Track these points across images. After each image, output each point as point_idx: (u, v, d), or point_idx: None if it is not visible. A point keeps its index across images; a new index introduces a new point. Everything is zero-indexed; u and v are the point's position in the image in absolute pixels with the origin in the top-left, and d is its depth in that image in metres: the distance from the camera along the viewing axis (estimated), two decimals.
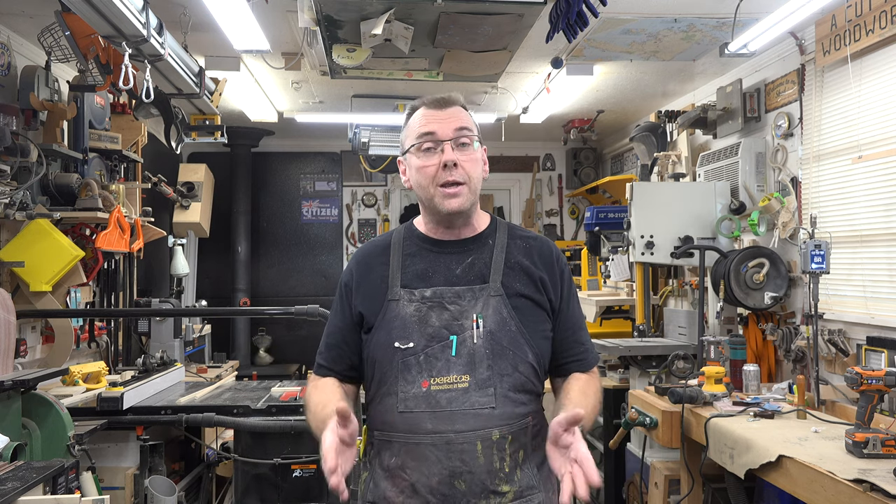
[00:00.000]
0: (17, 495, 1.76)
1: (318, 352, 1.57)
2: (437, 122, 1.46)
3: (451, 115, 1.47)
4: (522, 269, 1.49)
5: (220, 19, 3.04)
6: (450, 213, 1.45)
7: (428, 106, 1.49)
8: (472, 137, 1.47)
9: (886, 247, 3.07)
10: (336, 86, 4.65)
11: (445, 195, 1.44)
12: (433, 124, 1.45)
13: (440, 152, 1.44)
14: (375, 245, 1.57)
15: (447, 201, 1.44)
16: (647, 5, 3.24)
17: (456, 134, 1.45)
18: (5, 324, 2.71)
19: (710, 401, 2.79)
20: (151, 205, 4.42)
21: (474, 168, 1.46)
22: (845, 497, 1.86)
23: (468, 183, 1.45)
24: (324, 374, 1.54)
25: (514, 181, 7.09)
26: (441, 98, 1.49)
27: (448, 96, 1.50)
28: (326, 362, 1.54)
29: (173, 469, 3.23)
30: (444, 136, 1.44)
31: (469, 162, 1.45)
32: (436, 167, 1.44)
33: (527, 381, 1.43)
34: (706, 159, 4.24)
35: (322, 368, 1.55)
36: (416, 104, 1.52)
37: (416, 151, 1.47)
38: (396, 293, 1.46)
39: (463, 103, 1.52)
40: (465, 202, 1.45)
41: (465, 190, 1.45)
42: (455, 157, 1.43)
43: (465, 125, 1.46)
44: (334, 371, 1.53)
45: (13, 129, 3.11)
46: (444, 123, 1.45)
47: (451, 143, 1.44)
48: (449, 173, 1.43)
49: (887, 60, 3.03)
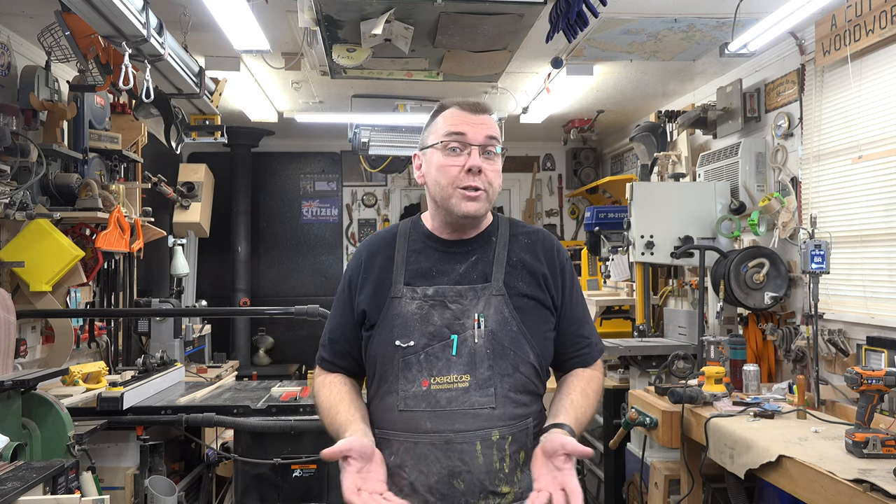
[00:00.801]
0: (17, 495, 1.76)
1: (321, 344, 1.57)
2: (469, 125, 1.45)
3: (483, 121, 1.47)
4: (525, 267, 1.49)
5: (220, 19, 3.04)
6: (465, 216, 1.45)
7: (461, 107, 1.48)
8: (497, 148, 1.48)
9: (886, 247, 3.07)
10: (336, 86, 4.65)
11: (465, 198, 1.43)
12: (465, 126, 1.45)
13: (467, 155, 1.44)
14: (381, 238, 1.56)
15: (465, 204, 1.43)
16: (647, 5, 3.24)
17: (486, 141, 1.45)
18: (5, 324, 2.71)
19: (710, 401, 2.79)
20: (151, 205, 4.42)
21: (496, 178, 1.47)
22: (845, 497, 1.86)
23: (488, 191, 1.45)
24: (329, 369, 1.54)
25: (514, 181, 7.09)
26: (476, 103, 1.49)
27: (483, 103, 1.50)
28: (330, 356, 1.54)
29: (173, 469, 3.23)
30: (473, 140, 1.44)
31: (492, 172, 1.46)
32: (459, 168, 1.43)
33: (528, 382, 1.43)
34: (706, 159, 4.24)
35: (326, 362, 1.55)
36: (448, 103, 1.51)
37: (442, 149, 1.46)
38: (399, 290, 1.45)
39: (493, 112, 1.53)
40: (482, 209, 1.45)
41: (484, 197, 1.45)
42: (481, 164, 1.43)
43: (495, 135, 1.47)
44: (339, 366, 1.54)
45: (13, 129, 3.11)
46: (476, 128, 1.45)
47: (480, 148, 1.44)
48: (472, 178, 1.43)
49: (887, 60, 3.03)
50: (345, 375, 1.54)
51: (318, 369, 1.58)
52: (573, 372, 1.53)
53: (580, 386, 1.48)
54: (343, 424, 1.39)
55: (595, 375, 1.54)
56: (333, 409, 1.44)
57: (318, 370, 1.58)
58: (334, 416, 1.43)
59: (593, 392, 1.49)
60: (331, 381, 1.52)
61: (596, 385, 1.52)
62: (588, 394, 1.47)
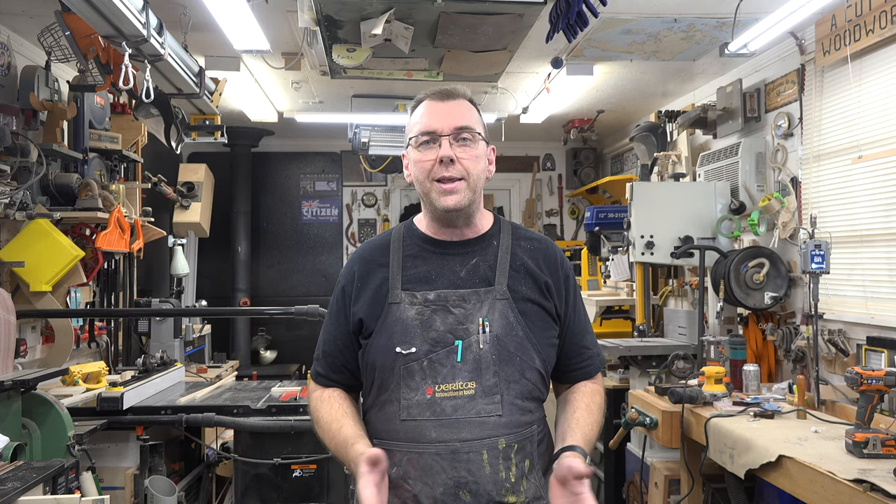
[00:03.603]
0: (17, 495, 1.76)
1: (315, 357, 1.52)
2: (437, 115, 1.41)
3: (453, 108, 1.42)
4: (528, 273, 1.45)
5: (220, 19, 3.04)
6: (446, 209, 1.40)
7: (431, 98, 1.44)
8: (473, 134, 1.41)
9: (886, 247, 3.07)
10: (336, 86, 4.65)
11: (442, 191, 1.39)
12: (433, 119, 1.41)
13: (437, 147, 1.39)
14: (374, 245, 1.51)
15: (443, 198, 1.39)
16: (647, 5, 3.24)
17: (454, 131, 1.40)
18: (5, 324, 2.71)
19: (710, 401, 2.79)
20: (151, 205, 4.42)
21: (474, 164, 1.41)
22: (845, 497, 1.86)
23: (467, 179, 1.40)
24: (325, 385, 1.49)
25: (514, 181, 7.09)
26: (444, 90, 1.44)
27: (452, 88, 1.45)
28: (325, 371, 1.49)
29: (173, 469, 3.22)
30: (442, 131, 1.39)
31: (469, 159, 1.40)
32: (432, 162, 1.39)
33: (534, 388, 1.40)
34: (706, 159, 4.24)
35: (322, 378, 1.49)
36: (422, 96, 1.46)
37: (416, 145, 1.43)
38: (397, 296, 1.40)
39: (468, 97, 1.47)
40: (463, 199, 1.40)
41: (463, 186, 1.40)
42: (452, 153, 1.38)
43: (466, 123, 1.41)
44: (334, 381, 1.48)
45: (13, 129, 3.11)
46: (444, 118, 1.40)
47: (450, 138, 1.39)
48: (445, 169, 1.38)
49: (887, 60, 3.03)
50: (342, 391, 1.49)
51: (313, 384, 1.52)
52: (575, 387, 1.50)
53: (584, 402, 1.46)
54: (351, 438, 1.34)
55: (597, 389, 1.51)
56: (336, 423, 1.39)
57: (314, 385, 1.52)
58: (338, 429, 1.38)
59: (597, 407, 1.47)
60: (329, 396, 1.47)
61: (599, 399, 1.49)
62: (592, 409, 1.45)
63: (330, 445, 1.40)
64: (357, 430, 1.37)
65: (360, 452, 1.26)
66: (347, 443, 1.34)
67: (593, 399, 1.47)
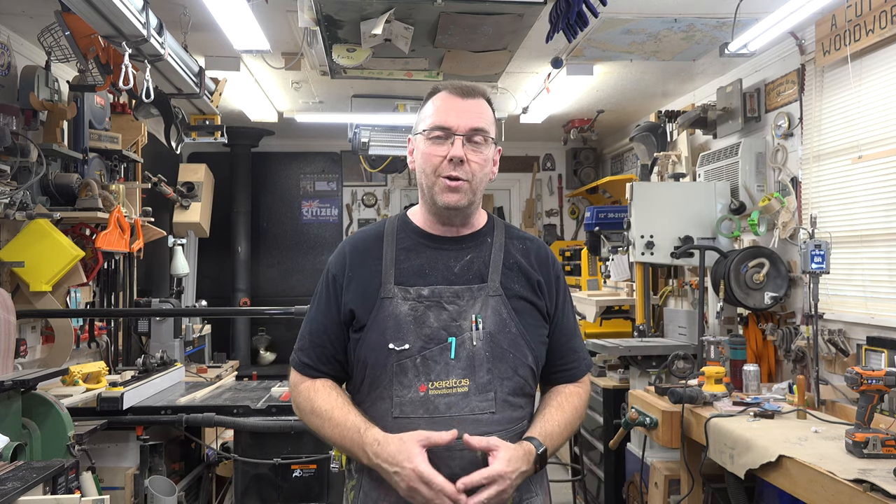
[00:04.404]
0: (17, 495, 1.76)
1: (300, 348, 1.47)
2: (454, 112, 1.40)
3: (471, 107, 1.41)
4: (521, 271, 1.45)
5: (220, 19, 3.04)
6: (447, 206, 1.40)
7: (450, 91, 1.42)
8: (486, 137, 1.41)
9: (886, 247, 3.07)
10: (336, 86, 4.65)
11: (446, 188, 1.39)
12: (450, 115, 1.40)
13: (450, 144, 1.38)
14: (367, 235, 1.49)
15: (446, 195, 1.39)
16: (647, 5, 3.24)
17: (470, 132, 1.39)
18: (5, 324, 2.71)
19: (710, 401, 2.79)
20: (151, 205, 4.42)
21: (481, 168, 1.41)
22: (845, 497, 1.86)
23: (471, 181, 1.40)
24: (313, 375, 1.44)
25: (514, 181, 7.09)
26: (465, 86, 1.43)
27: (473, 86, 1.43)
28: (313, 362, 1.44)
29: (173, 469, 3.22)
30: (457, 129, 1.38)
31: (477, 162, 1.40)
32: (441, 158, 1.39)
33: (525, 385, 1.40)
34: (706, 159, 4.24)
35: (309, 368, 1.44)
36: (441, 86, 1.45)
37: (427, 137, 1.41)
38: (390, 290, 1.39)
39: (487, 96, 1.46)
40: (464, 199, 1.40)
41: (467, 187, 1.39)
42: (463, 154, 1.38)
43: (481, 125, 1.41)
44: (323, 372, 1.44)
45: (13, 129, 3.11)
46: (461, 116, 1.39)
47: (464, 138, 1.38)
48: (453, 168, 1.38)
49: (887, 60, 3.03)
50: (334, 382, 1.44)
51: (298, 375, 1.45)
52: (555, 388, 1.50)
53: (556, 400, 1.46)
54: (361, 424, 1.32)
55: (576, 391, 1.49)
56: (340, 411, 1.36)
57: (299, 376, 1.45)
58: (344, 417, 1.35)
59: (571, 406, 1.45)
60: (323, 385, 1.42)
61: (576, 401, 1.48)
62: (564, 407, 1.44)
63: (333, 433, 1.35)
64: (364, 418, 1.35)
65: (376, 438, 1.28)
66: (358, 428, 1.32)
67: (568, 399, 1.47)
